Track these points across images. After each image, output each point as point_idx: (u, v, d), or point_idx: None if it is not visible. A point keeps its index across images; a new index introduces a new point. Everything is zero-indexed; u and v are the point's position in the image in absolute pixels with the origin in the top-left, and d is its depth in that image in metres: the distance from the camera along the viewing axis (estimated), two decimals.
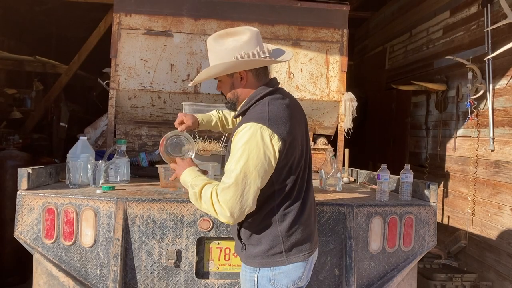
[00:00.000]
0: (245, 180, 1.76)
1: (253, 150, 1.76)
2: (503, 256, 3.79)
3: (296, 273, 1.93)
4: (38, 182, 2.69)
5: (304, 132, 2.02)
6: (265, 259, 1.91)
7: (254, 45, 1.91)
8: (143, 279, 2.47)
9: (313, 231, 2.02)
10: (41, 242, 2.46)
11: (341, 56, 3.91)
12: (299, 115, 2.01)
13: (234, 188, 1.76)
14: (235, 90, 1.99)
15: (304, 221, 1.95)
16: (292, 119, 1.89)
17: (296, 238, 1.92)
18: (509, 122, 3.75)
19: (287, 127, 1.84)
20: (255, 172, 1.77)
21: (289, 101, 1.96)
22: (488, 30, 3.95)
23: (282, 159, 1.83)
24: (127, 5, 3.72)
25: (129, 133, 3.92)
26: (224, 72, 1.95)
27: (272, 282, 1.91)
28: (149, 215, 2.47)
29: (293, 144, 1.86)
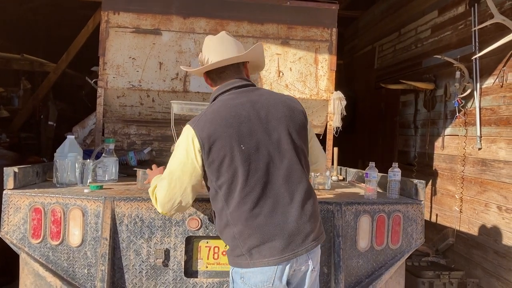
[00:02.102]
0: (171, 176, 1.97)
1: (179, 149, 1.98)
2: (489, 253, 3.83)
3: (263, 275, 1.87)
4: (25, 181, 2.67)
5: (258, 130, 1.94)
6: (232, 259, 1.95)
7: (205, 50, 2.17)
8: (131, 278, 2.46)
9: (285, 235, 1.88)
10: (28, 242, 2.44)
11: (330, 55, 3.92)
12: (251, 113, 1.96)
13: (165, 182, 1.99)
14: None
15: (264, 224, 1.87)
16: (224, 119, 1.92)
17: (254, 242, 1.87)
18: (495, 121, 3.79)
19: (213, 128, 1.90)
20: (179, 170, 1.96)
21: (239, 101, 1.99)
22: (475, 30, 3.99)
23: (207, 158, 1.92)
24: (116, 3, 3.70)
25: (117, 132, 3.90)
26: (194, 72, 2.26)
27: (241, 279, 1.91)
28: (137, 214, 2.46)
29: (219, 144, 1.89)
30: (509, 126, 3.61)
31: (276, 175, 1.93)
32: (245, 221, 1.88)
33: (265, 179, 1.91)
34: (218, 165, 1.90)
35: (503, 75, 3.69)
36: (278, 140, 1.95)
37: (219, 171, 1.90)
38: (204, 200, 2.52)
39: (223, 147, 1.89)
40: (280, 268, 1.88)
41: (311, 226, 1.95)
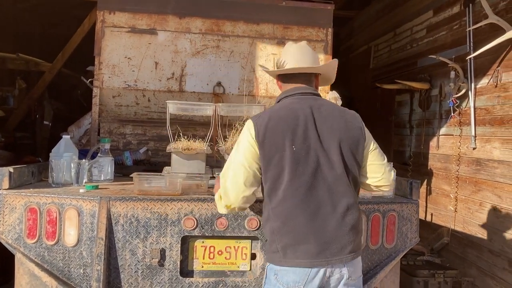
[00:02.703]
0: (233, 164, 2.07)
1: (238, 141, 2.10)
2: (484, 252, 3.85)
3: (296, 276, 1.92)
4: (20, 181, 2.66)
5: (312, 136, 2.00)
6: (268, 254, 2.03)
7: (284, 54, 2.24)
8: (127, 278, 2.46)
9: (321, 241, 1.92)
10: (23, 242, 2.44)
11: (326, 55, 3.93)
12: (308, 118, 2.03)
13: (229, 171, 2.07)
14: None
15: (302, 225, 1.93)
16: (283, 119, 2.02)
17: (290, 240, 1.93)
18: (490, 121, 3.81)
19: (270, 123, 2.01)
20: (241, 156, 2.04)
21: (299, 105, 2.08)
22: (470, 30, 4.00)
23: (260, 150, 2.00)
24: (111, 2, 3.69)
25: (113, 132, 3.89)
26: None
27: (275, 276, 1.97)
28: (133, 214, 2.46)
29: (273, 140, 1.98)
30: (503, 125, 3.63)
31: (322, 182, 1.98)
32: (285, 218, 1.95)
33: (310, 184, 1.96)
34: (268, 159, 1.98)
35: (498, 75, 3.71)
36: (329, 150, 2.01)
37: (267, 165, 1.99)
38: (199, 200, 2.53)
39: (276, 143, 1.98)
40: (313, 272, 1.92)
41: (350, 238, 1.98)
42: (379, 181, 2.20)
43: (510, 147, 3.54)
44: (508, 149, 3.57)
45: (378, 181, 2.20)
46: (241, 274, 2.61)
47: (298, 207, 1.94)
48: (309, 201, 1.95)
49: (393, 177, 2.25)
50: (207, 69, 3.78)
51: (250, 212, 2.56)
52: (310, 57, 2.23)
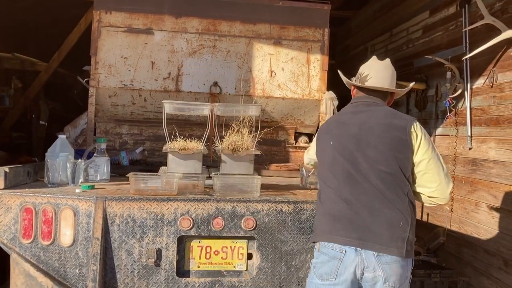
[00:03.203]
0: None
1: None
2: (479, 252, 3.86)
3: (333, 252, 2.12)
4: (16, 181, 2.65)
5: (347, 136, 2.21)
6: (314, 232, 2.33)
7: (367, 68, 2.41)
8: (123, 278, 2.46)
9: (356, 225, 2.08)
10: (19, 242, 2.43)
11: (322, 55, 3.94)
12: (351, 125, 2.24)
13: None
14: None
15: (343, 208, 2.11)
16: (334, 122, 2.36)
17: (328, 221, 2.16)
18: (486, 121, 3.82)
19: (326, 124, 2.43)
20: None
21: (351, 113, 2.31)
22: (466, 31, 4.01)
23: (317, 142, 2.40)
24: (108, 2, 3.68)
25: (109, 132, 3.88)
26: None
27: (318, 251, 2.21)
28: (129, 214, 2.46)
29: (322, 137, 2.35)
30: (499, 126, 3.64)
31: (360, 180, 2.12)
32: (328, 206, 2.17)
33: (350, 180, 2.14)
34: (320, 150, 2.35)
35: (493, 76, 3.72)
36: (367, 148, 2.16)
37: (318, 155, 2.37)
38: (196, 200, 2.52)
39: (323, 139, 2.33)
40: (348, 253, 2.07)
41: (387, 233, 2.06)
42: (433, 192, 2.21)
43: (505, 147, 3.56)
44: (503, 149, 3.58)
45: (431, 192, 2.22)
46: (238, 274, 2.61)
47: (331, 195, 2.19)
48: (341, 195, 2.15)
49: (450, 190, 2.24)
50: (203, 69, 3.78)
51: (247, 212, 2.57)
52: (389, 76, 2.40)
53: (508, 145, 3.52)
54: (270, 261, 2.59)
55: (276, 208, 2.60)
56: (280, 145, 4.16)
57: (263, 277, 2.59)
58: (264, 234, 2.59)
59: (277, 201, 2.62)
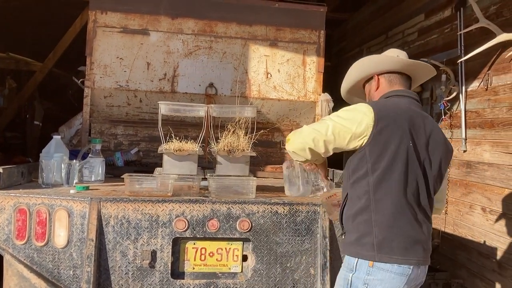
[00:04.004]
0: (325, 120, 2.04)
1: (349, 110, 2.01)
2: (473, 254, 3.88)
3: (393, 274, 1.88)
4: (10, 181, 2.64)
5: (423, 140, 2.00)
6: (355, 247, 1.93)
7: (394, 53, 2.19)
8: (118, 280, 2.44)
9: (418, 241, 1.93)
10: (12, 243, 2.41)
11: (318, 57, 3.94)
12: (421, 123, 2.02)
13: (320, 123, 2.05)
14: (370, 95, 2.20)
15: (407, 222, 1.91)
16: (401, 114, 1.98)
17: (391, 235, 1.88)
18: (480, 124, 3.84)
19: (389, 114, 1.96)
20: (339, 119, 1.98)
21: (412, 107, 2.05)
22: (461, 34, 4.03)
23: (374, 137, 1.92)
24: (103, 2, 3.67)
25: (104, 132, 3.87)
26: (357, 72, 2.21)
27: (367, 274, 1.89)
28: (123, 215, 2.45)
29: (390, 131, 1.92)
30: (493, 128, 3.66)
31: (425, 187, 1.98)
32: (391, 212, 1.89)
33: (418, 184, 1.96)
34: (382, 149, 1.91)
35: (488, 79, 3.74)
36: (434, 158, 2.02)
37: (380, 155, 1.91)
38: (191, 202, 2.52)
39: (393, 135, 1.92)
40: (414, 268, 1.90)
41: (430, 245, 2.01)
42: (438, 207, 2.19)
43: (499, 150, 3.57)
44: (497, 152, 3.60)
45: (443, 206, 2.31)
46: (233, 276, 2.60)
47: (406, 204, 1.92)
48: (414, 201, 1.95)
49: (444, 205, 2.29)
50: (199, 70, 3.78)
51: (242, 213, 2.56)
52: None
53: (503, 147, 3.53)
54: (265, 263, 2.59)
55: (272, 210, 2.60)
56: (276, 147, 4.16)
57: (258, 279, 2.58)
58: (259, 236, 2.58)
59: (273, 202, 2.62)
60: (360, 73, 2.22)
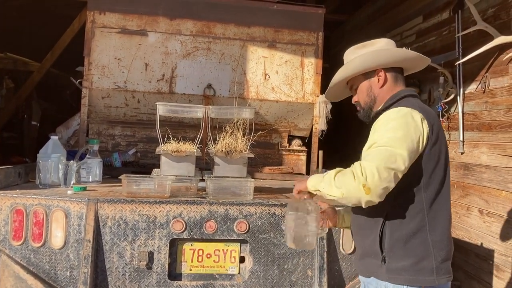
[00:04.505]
0: (391, 149, 1.61)
1: (402, 125, 1.65)
2: (471, 256, 3.88)
3: None
4: (7, 182, 2.63)
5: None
6: (411, 274, 1.68)
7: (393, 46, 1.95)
8: (114, 281, 2.44)
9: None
10: (9, 243, 2.41)
11: (316, 59, 3.95)
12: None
13: (380, 155, 1.61)
14: (372, 92, 1.89)
15: (450, 236, 1.77)
16: (436, 121, 1.78)
17: (446, 254, 1.73)
18: (478, 126, 3.85)
19: (435, 120, 1.76)
20: (404, 144, 1.62)
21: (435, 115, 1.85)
22: (459, 36, 4.04)
23: (430, 147, 1.70)
24: (102, 3, 3.67)
25: (102, 133, 3.86)
26: (362, 65, 1.87)
27: None
28: (121, 216, 2.44)
29: (439, 140, 1.74)
30: (491, 131, 3.67)
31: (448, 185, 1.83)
32: (445, 229, 1.74)
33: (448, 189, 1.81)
34: (436, 161, 1.72)
35: (486, 81, 3.74)
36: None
37: (435, 167, 1.72)
38: (188, 203, 2.51)
39: (441, 144, 1.75)
40: None
41: None
42: None
43: (497, 152, 3.58)
44: (495, 154, 3.60)
45: None
46: (230, 277, 2.60)
47: (449, 213, 1.79)
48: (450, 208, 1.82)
49: None
50: (197, 71, 3.77)
51: (240, 215, 2.56)
52: None
53: (500, 150, 3.54)
54: (262, 265, 2.59)
55: (269, 211, 2.60)
56: (274, 148, 4.17)
57: (256, 281, 2.58)
58: (257, 238, 2.58)
59: (270, 204, 2.62)
60: (364, 65, 1.90)
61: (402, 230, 1.70)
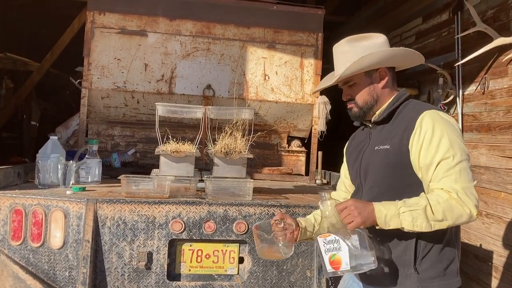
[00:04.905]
0: (467, 163, 1.63)
1: (452, 133, 1.63)
2: (470, 257, 3.88)
3: None
4: (6, 182, 2.63)
5: None
6: (444, 280, 1.67)
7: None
8: (113, 281, 2.44)
9: None
10: (8, 243, 2.41)
11: (316, 60, 3.95)
12: None
13: (465, 172, 1.60)
14: (374, 91, 1.81)
15: None
16: None
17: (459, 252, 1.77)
18: (477, 127, 3.85)
19: None
20: (465, 151, 1.64)
21: None
22: (458, 37, 4.04)
23: None
24: (101, 3, 3.67)
25: (101, 133, 3.86)
26: (379, 60, 1.78)
27: None
28: (120, 216, 2.44)
29: None
30: (490, 132, 3.67)
31: None
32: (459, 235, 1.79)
33: None
34: None
35: (485, 82, 3.75)
36: None
37: None
38: (188, 203, 2.51)
39: None
40: None
41: None
42: None
43: (496, 154, 3.58)
44: (494, 155, 3.60)
45: None
46: (229, 278, 2.60)
47: None
48: None
49: None
50: (197, 72, 3.78)
51: (239, 215, 2.56)
52: None
53: (499, 151, 3.54)
54: (261, 265, 2.59)
55: (268, 212, 2.60)
56: (273, 149, 4.17)
57: (254, 281, 2.58)
58: None
59: (269, 205, 2.62)
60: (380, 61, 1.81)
61: (437, 235, 1.65)
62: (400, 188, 1.66)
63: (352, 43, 1.87)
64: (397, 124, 1.74)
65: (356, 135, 2.04)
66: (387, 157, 1.69)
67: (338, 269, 1.55)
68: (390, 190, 1.67)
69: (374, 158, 1.75)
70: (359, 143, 1.92)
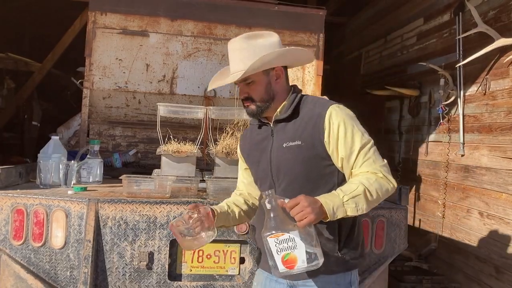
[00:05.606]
0: (372, 142, 1.80)
1: (357, 123, 1.82)
2: (470, 258, 3.88)
3: None
4: (7, 182, 2.63)
5: None
6: (359, 260, 1.85)
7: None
8: (115, 281, 2.44)
9: None
10: (9, 243, 2.41)
11: (317, 60, 3.95)
12: None
13: (377, 153, 1.78)
14: (271, 88, 1.86)
15: None
16: None
17: None
18: (478, 128, 3.85)
19: None
20: (368, 134, 1.82)
21: None
22: (459, 38, 4.05)
23: None
24: (103, 3, 3.67)
25: (102, 133, 3.87)
26: (277, 60, 1.86)
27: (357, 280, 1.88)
28: (121, 216, 2.44)
29: None
30: (491, 133, 3.67)
31: None
32: None
33: None
34: None
35: (486, 83, 3.75)
36: None
37: None
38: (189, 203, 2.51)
39: None
40: None
41: None
42: None
43: (497, 155, 3.58)
44: (495, 156, 3.61)
45: None
46: (230, 278, 2.60)
47: None
48: None
49: None
50: (198, 72, 3.78)
51: None
52: None
53: (500, 152, 3.55)
54: None
55: None
56: None
57: None
58: None
59: None
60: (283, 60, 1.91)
61: (352, 219, 1.80)
62: (317, 179, 1.77)
63: (249, 41, 1.90)
64: (301, 120, 1.81)
65: (249, 135, 2.01)
66: (301, 153, 1.77)
67: (292, 268, 1.53)
68: (309, 182, 1.76)
69: (286, 154, 1.79)
70: (259, 142, 1.91)
